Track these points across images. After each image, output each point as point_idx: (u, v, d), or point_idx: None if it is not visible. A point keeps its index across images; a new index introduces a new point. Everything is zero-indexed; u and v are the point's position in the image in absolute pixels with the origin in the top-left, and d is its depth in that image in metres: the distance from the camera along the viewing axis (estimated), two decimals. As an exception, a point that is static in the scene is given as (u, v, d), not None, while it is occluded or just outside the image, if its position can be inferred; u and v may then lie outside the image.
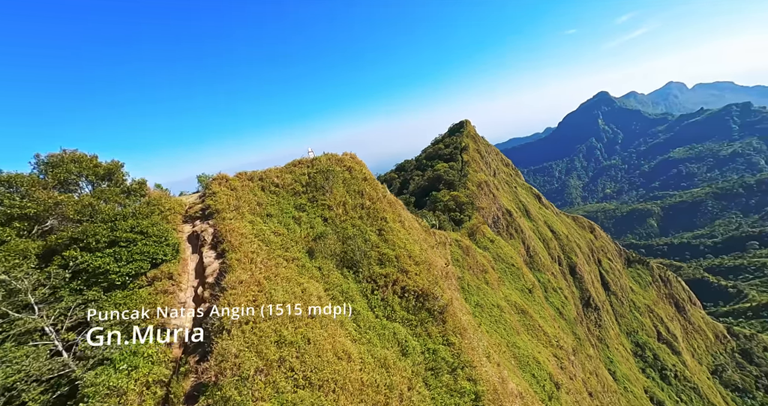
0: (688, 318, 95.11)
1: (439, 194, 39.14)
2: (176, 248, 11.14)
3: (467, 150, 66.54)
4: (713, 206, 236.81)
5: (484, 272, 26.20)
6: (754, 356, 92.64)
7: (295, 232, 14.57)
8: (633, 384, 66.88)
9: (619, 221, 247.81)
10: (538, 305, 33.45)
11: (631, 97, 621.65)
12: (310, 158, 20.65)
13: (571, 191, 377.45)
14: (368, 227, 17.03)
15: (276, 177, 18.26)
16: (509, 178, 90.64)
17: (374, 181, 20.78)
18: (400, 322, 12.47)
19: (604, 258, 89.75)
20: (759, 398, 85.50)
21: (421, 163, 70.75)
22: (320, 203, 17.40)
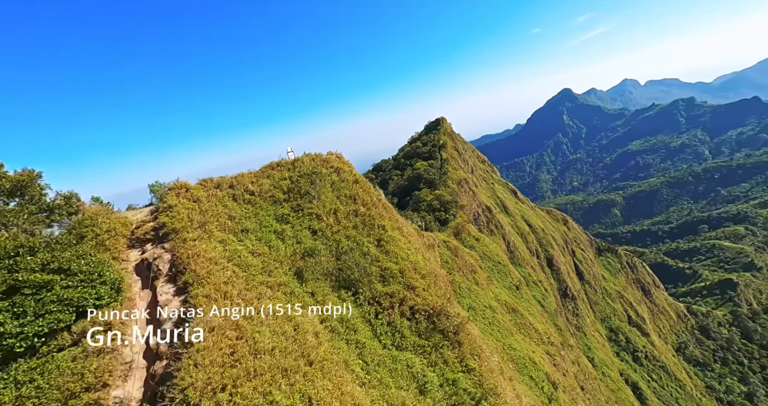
0: (654, 301, 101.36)
1: (422, 194, 37.94)
2: (117, 285, 8.47)
3: (446, 148, 66.17)
4: (668, 194, 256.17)
5: (473, 272, 25.28)
6: (710, 331, 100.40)
7: (279, 250, 12.35)
8: (610, 369, 69.83)
9: (587, 211, 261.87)
10: (526, 301, 33.29)
11: (591, 94, 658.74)
12: (291, 160, 18.05)
13: (542, 185, 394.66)
14: (365, 237, 14.93)
15: (251, 183, 15.61)
16: (486, 174, 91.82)
17: (366, 184, 18.61)
18: (412, 350, 10.68)
19: (577, 249, 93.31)
20: (717, 369, 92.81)
21: (399, 162, 69.54)
22: (307, 212, 15.07)
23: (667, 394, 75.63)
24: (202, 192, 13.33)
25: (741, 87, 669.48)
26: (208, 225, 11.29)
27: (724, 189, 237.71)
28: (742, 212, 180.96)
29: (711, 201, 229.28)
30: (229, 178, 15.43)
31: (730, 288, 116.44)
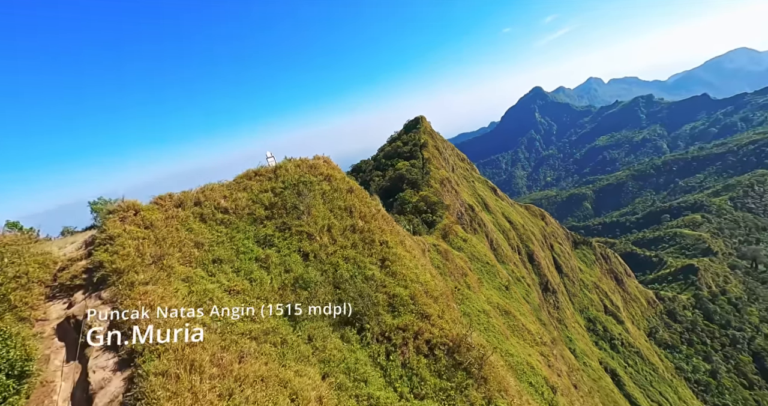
0: (626, 289, 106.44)
1: (407, 195, 36.69)
2: (21, 366, 5.68)
3: (427, 147, 65.49)
4: (633, 186, 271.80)
5: (464, 275, 24.36)
6: (677, 315, 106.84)
7: (263, 283, 10.01)
8: (590, 358, 72.16)
9: (561, 205, 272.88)
10: (516, 301, 33.02)
11: (560, 92, 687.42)
12: (272, 167, 15.32)
13: (518, 181, 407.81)
14: (366, 257, 12.71)
15: (223, 198, 12.94)
16: (466, 172, 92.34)
17: (362, 192, 16.22)
18: (434, 396, 8.81)
19: (555, 243, 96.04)
20: (684, 350, 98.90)
21: (379, 162, 68.15)
22: (295, 230, 12.60)
23: (642, 378, 79.39)
24: (157, 214, 10.45)
25: (692, 85, 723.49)
26: (167, 259, 8.61)
27: (681, 180, 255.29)
28: (698, 201, 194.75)
29: (671, 192, 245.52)
30: (194, 194, 12.55)
31: (692, 273, 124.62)
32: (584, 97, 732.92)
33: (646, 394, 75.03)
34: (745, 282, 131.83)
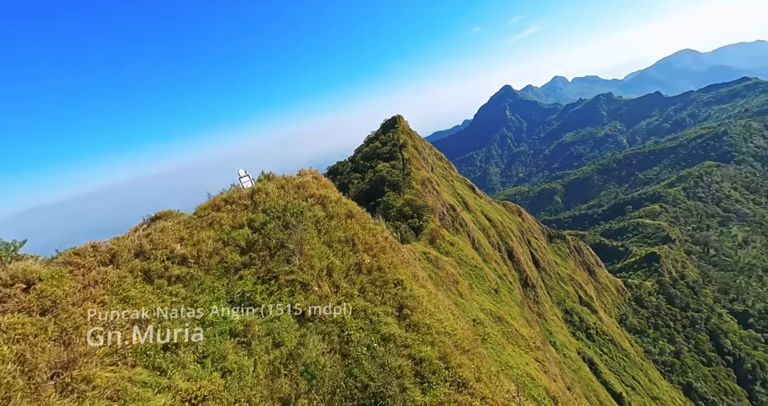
0: (598, 279, 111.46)
1: (390, 199, 34.96)
2: None
3: (406, 147, 64.19)
4: (598, 180, 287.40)
5: (455, 282, 23.13)
6: (643, 301, 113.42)
7: (244, 373, 6.81)
8: (569, 349, 74.42)
9: (533, 201, 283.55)
10: (506, 305, 32.45)
11: (528, 90, 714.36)
12: (247, 190, 11.61)
13: (492, 178, 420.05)
14: (379, 306, 9.59)
15: (179, 242, 9.24)
16: (445, 171, 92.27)
17: (364, 216, 13.30)
18: None
19: (532, 238, 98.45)
20: (651, 334, 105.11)
21: (358, 164, 66.02)
22: (284, 280, 9.27)
23: (616, 364, 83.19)
24: (68, 284, 6.57)
25: (646, 83, 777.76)
26: (80, 367, 5.26)
27: (640, 173, 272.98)
28: (656, 192, 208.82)
29: (632, 184, 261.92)
30: (134, 240, 8.63)
31: (655, 260, 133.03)
32: (551, 95, 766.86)
33: (620, 379, 78.62)
34: (700, 266, 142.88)
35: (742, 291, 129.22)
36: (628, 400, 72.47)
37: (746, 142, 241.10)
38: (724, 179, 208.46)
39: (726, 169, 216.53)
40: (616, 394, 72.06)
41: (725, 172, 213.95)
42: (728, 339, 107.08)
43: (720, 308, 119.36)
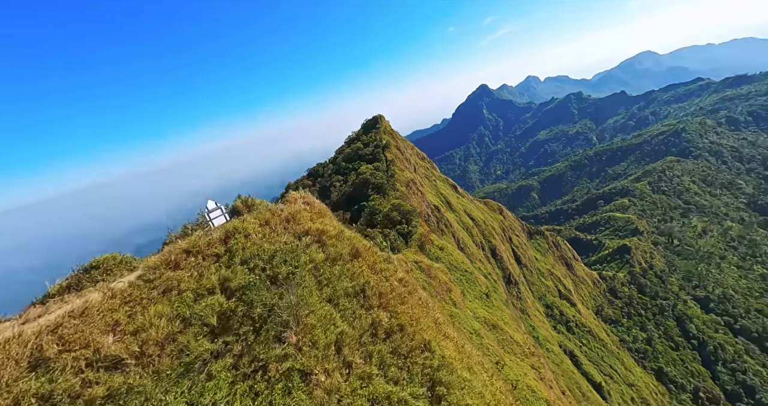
0: (575, 273, 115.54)
1: (376, 203, 33.58)
2: None
3: (389, 148, 63.01)
4: (571, 176, 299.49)
5: (448, 291, 22.24)
6: (617, 292, 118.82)
7: None
8: (551, 343, 76.31)
9: (511, 197, 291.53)
10: (498, 309, 32.08)
11: (503, 90, 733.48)
12: (219, 232, 8.60)
13: (471, 175, 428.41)
14: (407, 389, 6.98)
15: (111, 330, 6.18)
16: (427, 171, 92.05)
17: (372, 254, 9.95)
18: None
19: (513, 235, 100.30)
20: (625, 323, 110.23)
21: (340, 166, 64.15)
22: (276, 370, 6.37)
23: (594, 355, 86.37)
24: None
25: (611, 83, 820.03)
26: None
27: (610, 168, 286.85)
28: (624, 187, 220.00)
29: (602, 179, 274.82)
30: (30, 338, 5.56)
31: (626, 252, 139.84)
32: (525, 94, 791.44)
33: (599, 369, 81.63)
34: (666, 256, 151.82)
35: (703, 278, 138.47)
36: (607, 388, 75.19)
37: (702, 138, 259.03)
38: (684, 173, 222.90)
39: (685, 164, 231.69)
40: (595, 383, 74.56)
41: (684, 167, 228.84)
42: (693, 324, 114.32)
43: (685, 295, 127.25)
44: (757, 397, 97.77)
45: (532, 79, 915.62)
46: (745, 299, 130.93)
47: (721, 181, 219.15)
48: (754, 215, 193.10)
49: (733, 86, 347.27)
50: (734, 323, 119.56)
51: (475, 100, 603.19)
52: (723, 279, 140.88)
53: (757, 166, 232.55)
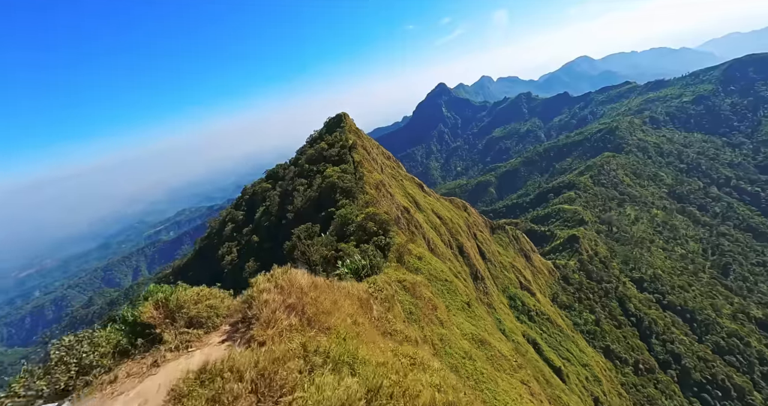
0: (533, 263, 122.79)
1: (347, 212, 30.91)
2: None
3: (356, 148, 60.23)
4: (524, 172, 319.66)
5: (434, 309, 20.62)
6: (569, 278, 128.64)
7: None
8: (516, 334, 79.84)
9: (471, 193, 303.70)
10: (481, 319, 31.41)
11: (460, 88, 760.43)
12: None
13: (433, 173, 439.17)
14: None
15: None
16: (394, 171, 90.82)
17: None
18: None
19: (477, 231, 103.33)
20: (577, 308, 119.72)
21: (303, 168, 60.07)
22: None
23: (554, 340, 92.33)
24: None
25: (555, 85, 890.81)
26: None
27: (557, 164, 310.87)
28: (570, 181, 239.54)
29: (551, 174, 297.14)
30: None
31: (575, 242, 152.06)
32: (480, 93, 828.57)
33: (558, 354, 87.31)
34: (607, 243, 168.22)
35: (638, 261, 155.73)
36: (566, 372, 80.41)
37: (631, 136, 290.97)
38: (618, 167, 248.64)
39: (619, 159, 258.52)
40: (556, 368, 79.28)
41: (619, 161, 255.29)
42: (631, 303, 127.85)
43: (624, 277, 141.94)
44: (683, 363, 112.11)
45: (486, 79, 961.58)
46: (670, 278, 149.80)
47: (647, 173, 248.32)
48: (673, 203, 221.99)
49: (654, 90, 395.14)
50: (663, 299, 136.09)
51: (435, 98, 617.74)
52: (653, 261, 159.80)
53: (674, 159, 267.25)
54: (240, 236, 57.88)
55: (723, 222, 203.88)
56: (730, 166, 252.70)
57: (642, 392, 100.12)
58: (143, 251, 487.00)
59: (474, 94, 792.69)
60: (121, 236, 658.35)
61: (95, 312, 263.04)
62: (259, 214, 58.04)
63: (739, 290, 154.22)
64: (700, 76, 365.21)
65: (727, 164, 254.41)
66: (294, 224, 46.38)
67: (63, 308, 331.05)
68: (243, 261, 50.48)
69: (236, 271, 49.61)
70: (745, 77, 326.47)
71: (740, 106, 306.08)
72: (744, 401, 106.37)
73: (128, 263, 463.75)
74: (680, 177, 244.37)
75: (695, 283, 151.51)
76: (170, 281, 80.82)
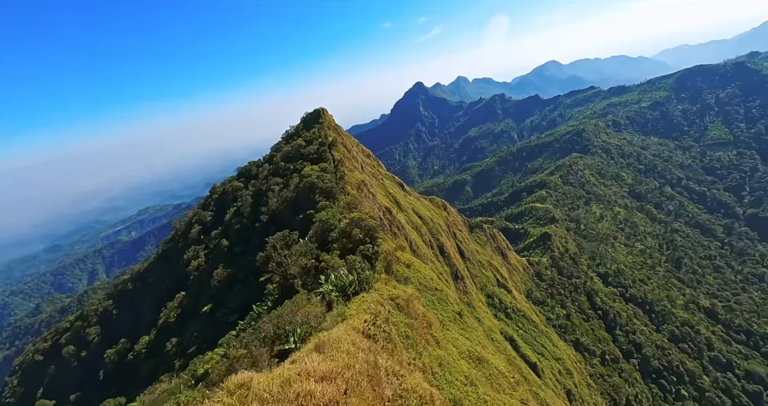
0: (509, 261, 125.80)
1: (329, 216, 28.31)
2: None
3: (336, 146, 57.33)
4: (498, 171, 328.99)
5: (429, 326, 18.86)
6: (542, 275, 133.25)
7: None
8: (494, 332, 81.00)
9: (448, 191, 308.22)
10: (473, 330, 30.18)
11: (437, 88, 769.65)
12: None
13: (411, 171, 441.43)
14: None
15: None
16: (374, 170, 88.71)
17: None
18: None
19: (457, 231, 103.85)
20: (549, 303, 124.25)
21: (278, 167, 56.33)
22: None
23: (529, 336, 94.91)
24: None
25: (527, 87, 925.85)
26: None
27: (529, 163, 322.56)
28: (542, 180, 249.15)
29: (524, 173, 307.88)
30: None
31: (547, 239, 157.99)
32: (456, 93, 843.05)
33: (533, 349, 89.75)
34: (576, 240, 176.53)
35: (603, 256, 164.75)
36: (541, 367, 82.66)
37: (596, 138, 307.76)
38: (585, 167, 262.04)
39: (586, 160, 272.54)
40: (531, 364, 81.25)
41: (585, 162, 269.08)
42: (598, 297, 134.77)
43: (591, 272, 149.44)
44: (643, 351, 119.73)
45: (462, 79, 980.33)
46: (632, 272, 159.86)
47: (610, 173, 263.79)
48: (633, 201, 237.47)
49: (616, 95, 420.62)
50: (625, 292, 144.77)
51: (412, 97, 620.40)
52: (616, 256, 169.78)
53: (634, 161, 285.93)
54: (208, 239, 53.37)
55: (676, 219, 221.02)
56: (681, 167, 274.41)
57: (608, 381, 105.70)
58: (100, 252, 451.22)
59: (451, 93, 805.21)
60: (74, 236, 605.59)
61: (43, 321, 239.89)
62: (229, 215, 53.79)
63: (690, 282, 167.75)
64: (656, 83, 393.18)
65: (678, 166, 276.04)
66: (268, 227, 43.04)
67: (5, 318, 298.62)
68: (211, 267, 46.39)
69: (203, 277, 45.46)
70: (694, 86, 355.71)
71: (690, 112, 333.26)
72: (695, 384, 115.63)
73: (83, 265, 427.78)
74: (639, 177, 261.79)
75: (653, 276, 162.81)
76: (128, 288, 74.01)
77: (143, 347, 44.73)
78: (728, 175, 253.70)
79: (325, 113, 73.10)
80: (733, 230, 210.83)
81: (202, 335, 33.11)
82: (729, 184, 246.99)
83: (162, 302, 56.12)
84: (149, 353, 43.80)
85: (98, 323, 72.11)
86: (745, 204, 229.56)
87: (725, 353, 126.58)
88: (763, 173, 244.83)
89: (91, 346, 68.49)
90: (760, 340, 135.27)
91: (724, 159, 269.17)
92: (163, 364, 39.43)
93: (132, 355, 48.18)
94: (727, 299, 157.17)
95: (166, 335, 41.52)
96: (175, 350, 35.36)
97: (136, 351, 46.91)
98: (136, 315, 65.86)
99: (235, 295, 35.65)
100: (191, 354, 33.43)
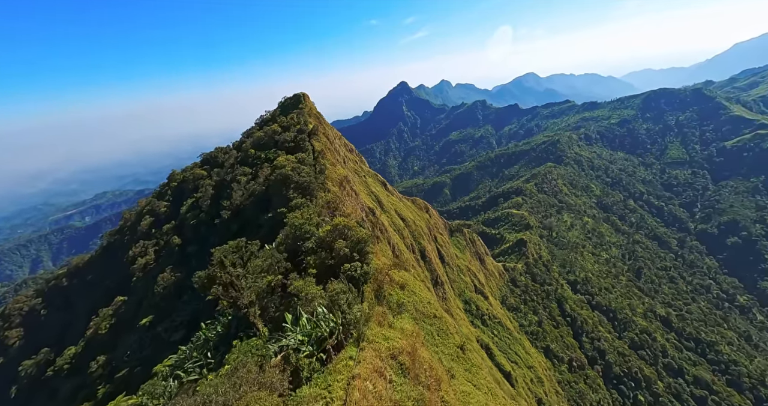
0: (486, 267, 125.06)
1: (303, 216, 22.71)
2: None
3: (317, 135, 51.15)
4: (477, 175, 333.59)
5: (438, 383, 13.94)
6: (517, 281, 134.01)
7: None
8: (471, 340, 78.53)
9: (427, 193, 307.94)
10: (478, 368, 25.87)
11: (421, 89, 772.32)
12: None
13: (391, 170, 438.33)
14: None
15: None
16: (356, 166, 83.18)
17: None
18: None
19: (438, 234, 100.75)
20: (523, 309, 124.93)
21: (248, 155, 49.32)
22: None
23: (503, 343, 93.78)
24: None
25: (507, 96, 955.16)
26: None
27: (506, 170, 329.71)
28: (518, 187, 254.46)
29: (501, 179, 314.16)
30: None
31: (522, 245, 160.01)
32: (439, 96, 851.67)
33: (507, 358, 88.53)
34: (549, 247, 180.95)
35: (573, 264, 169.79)
36: (515, 375, 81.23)
37: (569, 149, 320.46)
38: (558, 177, 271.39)
39: (559, 169, 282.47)
40: (506, 372, 79.52)
41: (559, 172, 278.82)
42: (567, 304, 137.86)
43: (562, 279, 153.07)
44: (606, 358, 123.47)
45: (445, 83, 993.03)
46: (598, 280, 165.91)
47: (581, 184, 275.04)
48: (600, 212, 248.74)
49: (589, 110, 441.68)
50: (592, 300, 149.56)
51: (396, 96, 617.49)
52: (585, 264, 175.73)
53: (602, 174, 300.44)
54: (159, 234, 45.49)
55: (637, 231, 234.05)
56: (643, 182, 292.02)
57: (574, 388, 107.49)
58: (47, 238, 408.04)
59: (434, 96, 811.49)
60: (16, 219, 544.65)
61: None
62: (185, 208, 46.11)
63: (648, 291, 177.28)
64: (624, 102, 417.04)
65: (641, 181, 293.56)
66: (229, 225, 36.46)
67: None
68: (160, 268, 38.96)
69: (149, 280, 37.99)
70: (658, 107, 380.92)
71: (653, 131, 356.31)
72: (650, 389, 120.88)
73: (25, 251, 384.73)
74: (606, 189, 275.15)
75: (617, 285, 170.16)
76: (62, 284, 63.38)
77: (66, 362, 36.56)
78: (683, 192, 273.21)
79: (307, 99, 66.41)
80: (685, 243, 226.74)
81: (137, 355, 26.38)
82: (684, 201, 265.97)
83: (99, 304, 47.44)
84: (72, 369, 35.82)
85: (22, 324, 61.13)
86: (696, 220, 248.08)
87: (677, 360, 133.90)
88: (712, 192, 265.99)
89: (10, 352, 57.69)
90: (706, 347, 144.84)
91: (680, 177, 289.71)
92: (86, 387, 31.86)
93: (52, 370, 39.63)
94: (680, 309, 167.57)
95: (94, 349, 33.92)
96: (101, 372, 28.21)
97: (57, 366, 38.51)
98: (68, 318, 56.07)
99: (184, 305, 29.17)
100: (120, 379, 26.52)
